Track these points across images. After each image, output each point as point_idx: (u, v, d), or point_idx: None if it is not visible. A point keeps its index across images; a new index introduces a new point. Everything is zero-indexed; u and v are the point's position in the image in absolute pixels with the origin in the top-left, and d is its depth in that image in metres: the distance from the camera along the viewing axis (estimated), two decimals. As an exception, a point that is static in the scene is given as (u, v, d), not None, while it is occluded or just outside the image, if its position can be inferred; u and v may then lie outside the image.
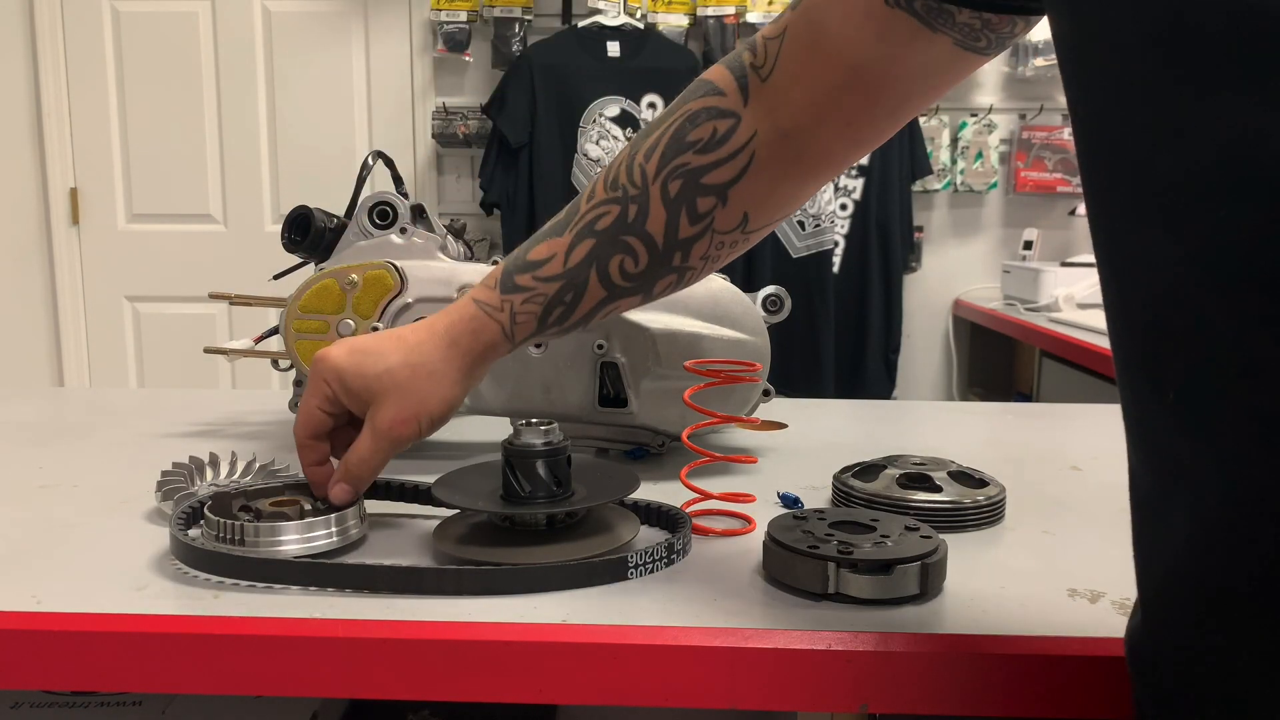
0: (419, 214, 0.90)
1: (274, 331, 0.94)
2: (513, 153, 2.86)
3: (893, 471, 0.75)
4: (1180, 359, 0.40)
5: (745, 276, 2.85)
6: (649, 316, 0.86)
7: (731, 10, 2.93)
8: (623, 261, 0.66)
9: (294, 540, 0.63)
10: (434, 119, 3.00)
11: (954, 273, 3.12)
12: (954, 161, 3.04)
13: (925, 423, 1.15)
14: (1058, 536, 0.71)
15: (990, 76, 3.04)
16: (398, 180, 0.96)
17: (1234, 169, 0.36)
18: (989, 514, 0.73)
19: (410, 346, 0.67)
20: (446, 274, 0.86)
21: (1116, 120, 0.40)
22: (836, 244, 2.87)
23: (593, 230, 0.67)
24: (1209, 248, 0.37)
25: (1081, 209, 2.86)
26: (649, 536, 0.70)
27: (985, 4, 0.55)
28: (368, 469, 0.66)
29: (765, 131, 0.64)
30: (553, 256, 0.67)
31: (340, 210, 0.90)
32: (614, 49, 2.85)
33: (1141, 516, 0.47)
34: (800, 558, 0.59)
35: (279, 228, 0.90)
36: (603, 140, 2.82)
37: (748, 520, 0.72)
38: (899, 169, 2.88)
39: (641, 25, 2.89)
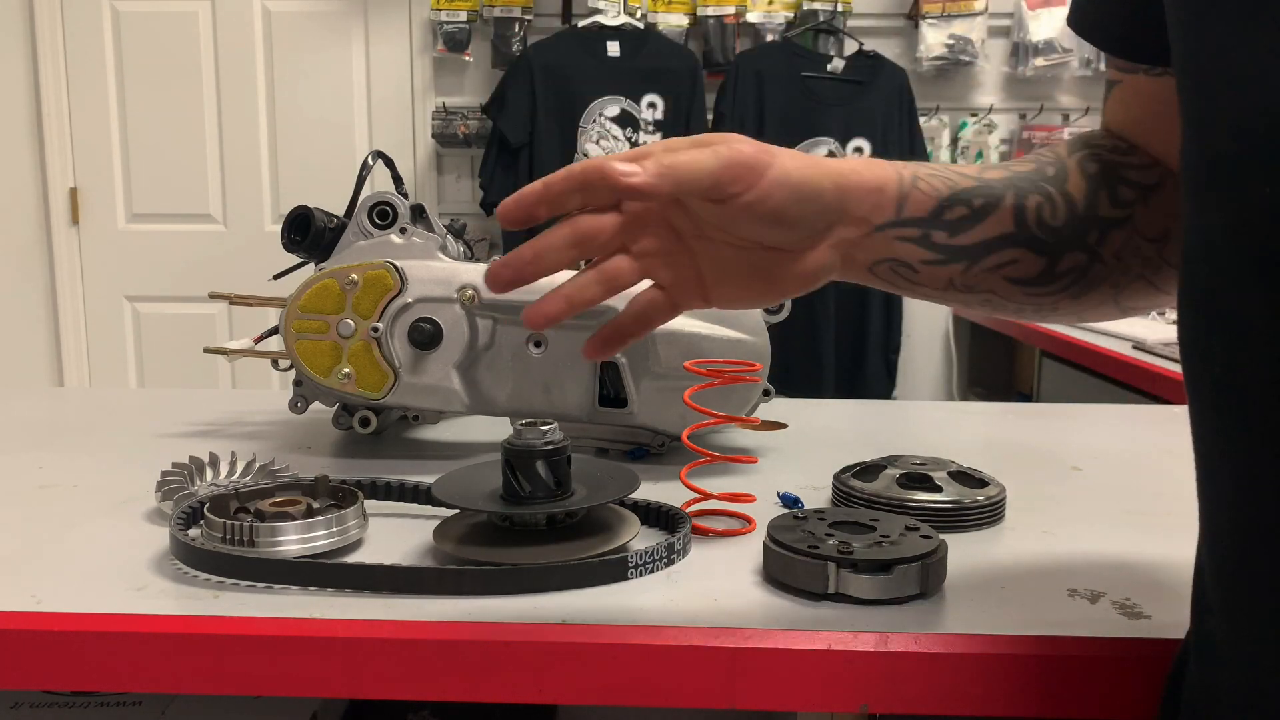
0: (419, 214, 0.90)
1: (274, 331, 0.94)
2: (513, 153, 2.86)
3: (893, 471, 0.75)
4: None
5: (745, 276, 2.85)
6: (649, 316, 0.86)
7: (731, 10, 2.93)
8: (1040, 206, 0.57)
9: (294, 540, 0.63)
10: (434, 119, 3.00)
11: (954, 273, 3.12)
12: (954, 161, 3.04)
13: (925, 423, 1.15)
14: (1058, 536, 0.71)
15: (990, 76, 3.04)
16: (398, 180, 0.96)
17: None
18: (989, 514, 0.73)
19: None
20: (446, 274, 0.86)
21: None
22: (836, 244, 2.86)
23: (1007, 168, 0.59)
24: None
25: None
26: (649, 536, 0.70)
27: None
28: (684, 165, 0.50)
29: (1167, 168, 0.60)
30: (965, 167, 0.59)
31: (340, 210, 0.90)
32: (614, 49, 2.85)
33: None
34: (800, 558, 0.59)
35: (279, 228, 0.90)
36: (602, 140, 2.82)
37: (748, 520, 0.72)
38: (899, 169, 2.87)
39: (641, 25, 2.89)
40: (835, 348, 2.88)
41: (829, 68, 2.86)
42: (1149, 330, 2.09)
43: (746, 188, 0.51)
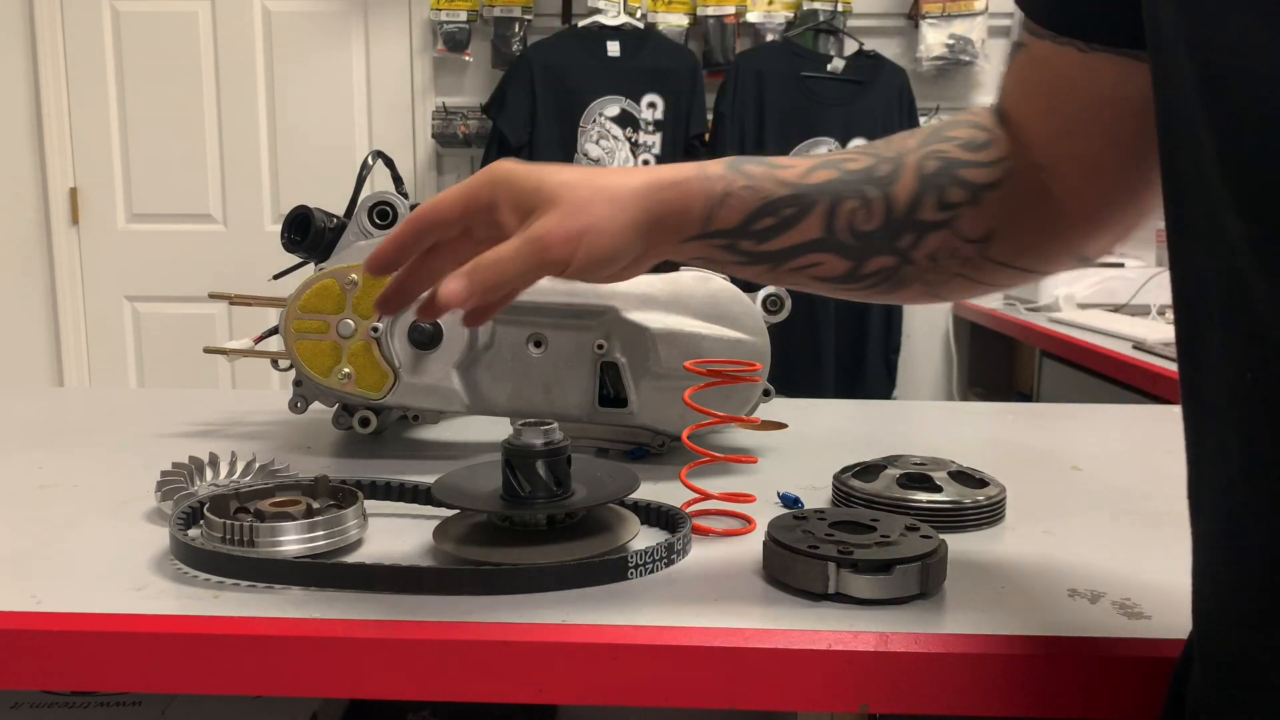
0: (419, 214, 0.90)
1: (274, 331, 0.94)
2: (513, 153, 2.85)
3: (893, 471, 0.75)
4: None
5: (745, 276, 2.85)
6: (649, 316, 0.86)
7: (731, 10, 2.93)
8: (854, 211, 0.60)
9: (294, 540, 0.63)
10: (434, 119, 3.00)
11: (954, 273, 3.12)
12: (954, 161, 3.03)
13: (925, 423, 1.15)
14: (1058, 536, 0.71)
15: (990, 76, 3.04)
16: (398, 180, 0.96)
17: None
18: (989, 514, 0.73)
19: (602, 173, 0.60)
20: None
21: None
22: (836, 244, 2.86)
23: (839, 166, 0.62)
24: None
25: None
26: (649, 536, 0.70)
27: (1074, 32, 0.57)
28: (498, 270, 0.55)
29: (1019, 156, 0.62)
30: (793, 166, 0.62)
31: (340, 210, 0.90)
32: (614, 49, 2.85)
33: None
34: (800, 558, 0.59)
35: (279, 228, 0.90)
36: (603, 140, 2.82)
37: (748, 520, 0.72)
38: (899, 169, 2.87)
39: (641, 25, 2.89)
40: (835, 348, 2.88)
41: (829, 68, 2.86)
42: (1149, 330, 2.09)
43: (561, 270, 0.58)
